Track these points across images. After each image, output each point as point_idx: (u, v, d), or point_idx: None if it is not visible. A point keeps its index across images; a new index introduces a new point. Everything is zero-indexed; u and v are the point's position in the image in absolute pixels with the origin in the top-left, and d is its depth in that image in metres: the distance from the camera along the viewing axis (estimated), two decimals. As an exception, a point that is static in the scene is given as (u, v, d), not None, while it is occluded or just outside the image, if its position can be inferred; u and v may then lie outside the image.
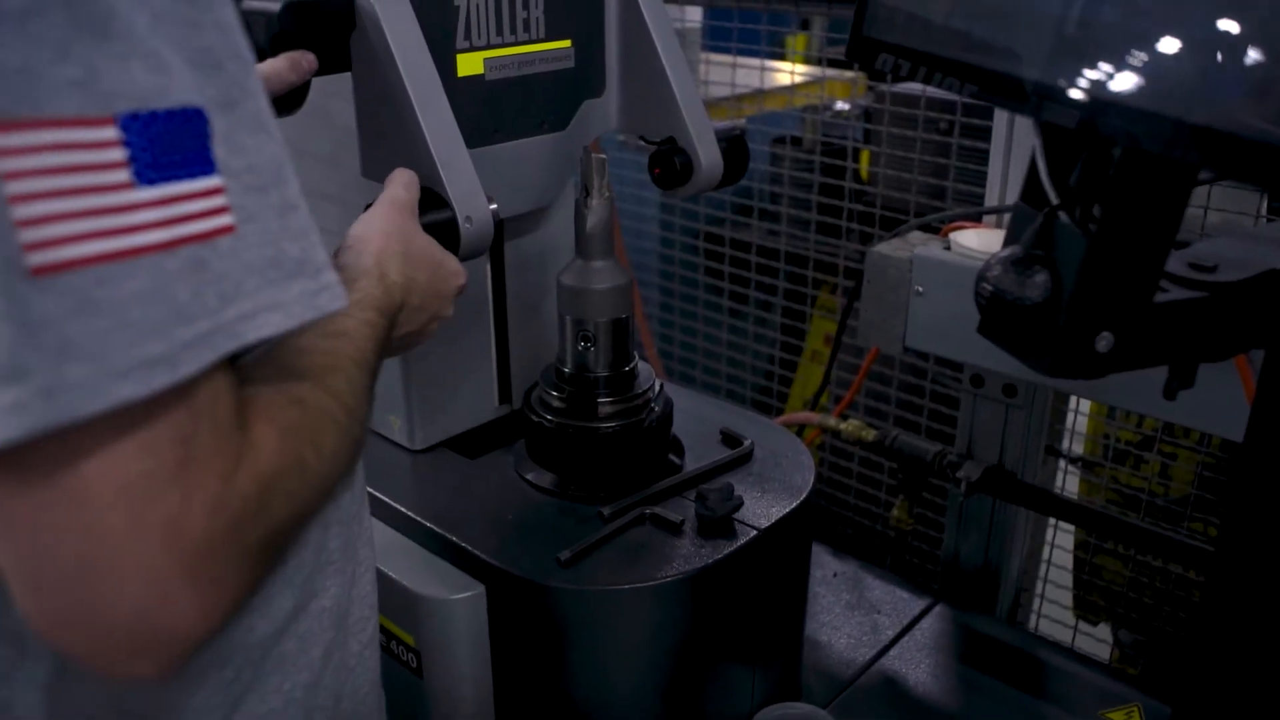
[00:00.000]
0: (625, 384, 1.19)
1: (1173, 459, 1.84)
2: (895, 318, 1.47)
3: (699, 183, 1.18)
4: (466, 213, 0.97)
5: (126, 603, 0.49)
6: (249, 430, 0.54)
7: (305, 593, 0.75)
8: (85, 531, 0.48)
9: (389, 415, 1.27)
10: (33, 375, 0.44)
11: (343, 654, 0.80)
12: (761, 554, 1.13)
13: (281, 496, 0.55)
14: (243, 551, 0.52)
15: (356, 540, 0.82)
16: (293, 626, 0.74)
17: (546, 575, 1.04)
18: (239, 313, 0.51)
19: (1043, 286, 0.78)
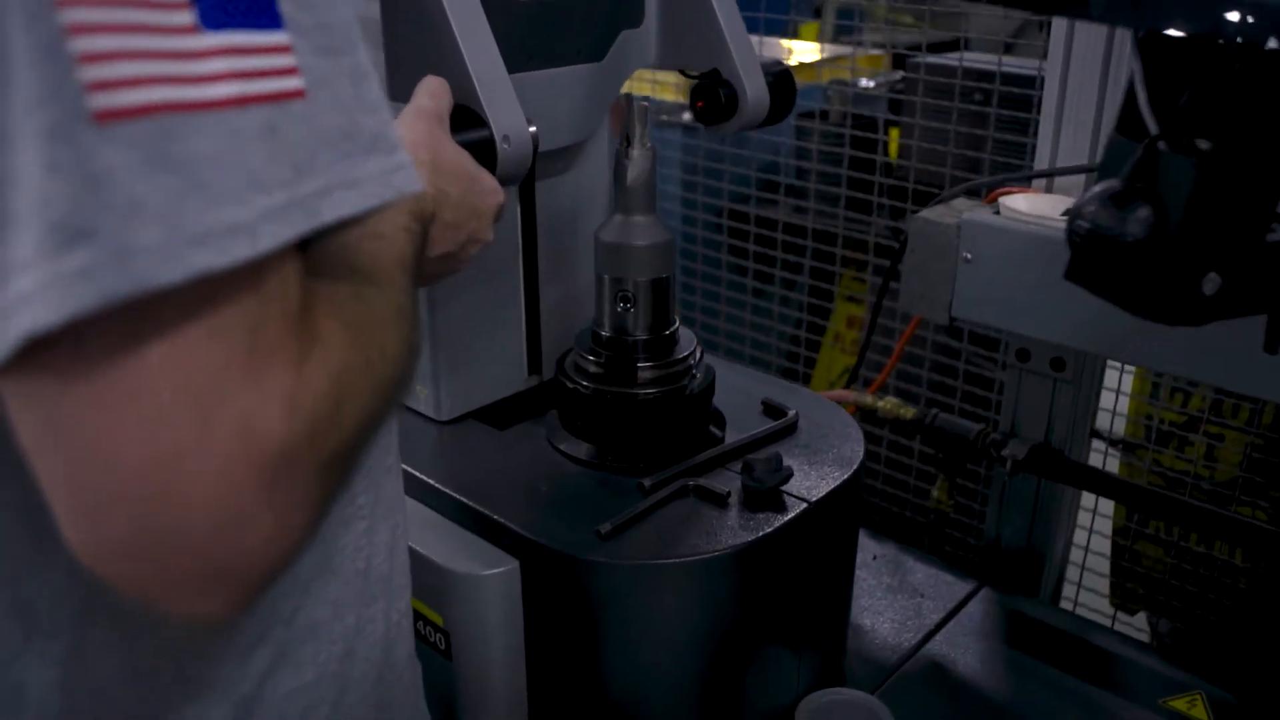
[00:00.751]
0: (666, 348, 1.12)
1: (1219, 440, 1.77)
2: (941, 286, 1.40)
3: (744, 117, 1.11)
4: (505, 131, 0.90)
5: (197, 521, 0.42)
6: (315, 324, 0.47)
7: (332, 545, 0.68)
8: (149, 435, 0.41)
9: (415, 385, 1.20)
10: (101, 236, 0.38)
11: (382, 624, 0.74)
12: (811, 529, 1.06)
13: (352, 399, 0.48)
14: (319, 463, 0.46)
15: (389, 498, 0.76)
16: (323, 590, 0.68)
17: (585, 549, 0.97)
18: (314, 188, 0.44)
19: (1146, 222, 0.71)
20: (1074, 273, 0.76)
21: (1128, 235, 0.71)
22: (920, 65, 1.99)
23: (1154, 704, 1.21)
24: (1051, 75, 1.37)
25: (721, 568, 0.99)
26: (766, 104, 1.11)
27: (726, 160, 2.25)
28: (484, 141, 0.88)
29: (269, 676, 0.65)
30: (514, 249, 1.19)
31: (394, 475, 0.77)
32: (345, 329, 0.49)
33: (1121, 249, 0.72)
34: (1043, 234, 1.30)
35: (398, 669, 0.77)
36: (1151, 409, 1.82)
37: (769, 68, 1.13)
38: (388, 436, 0.76)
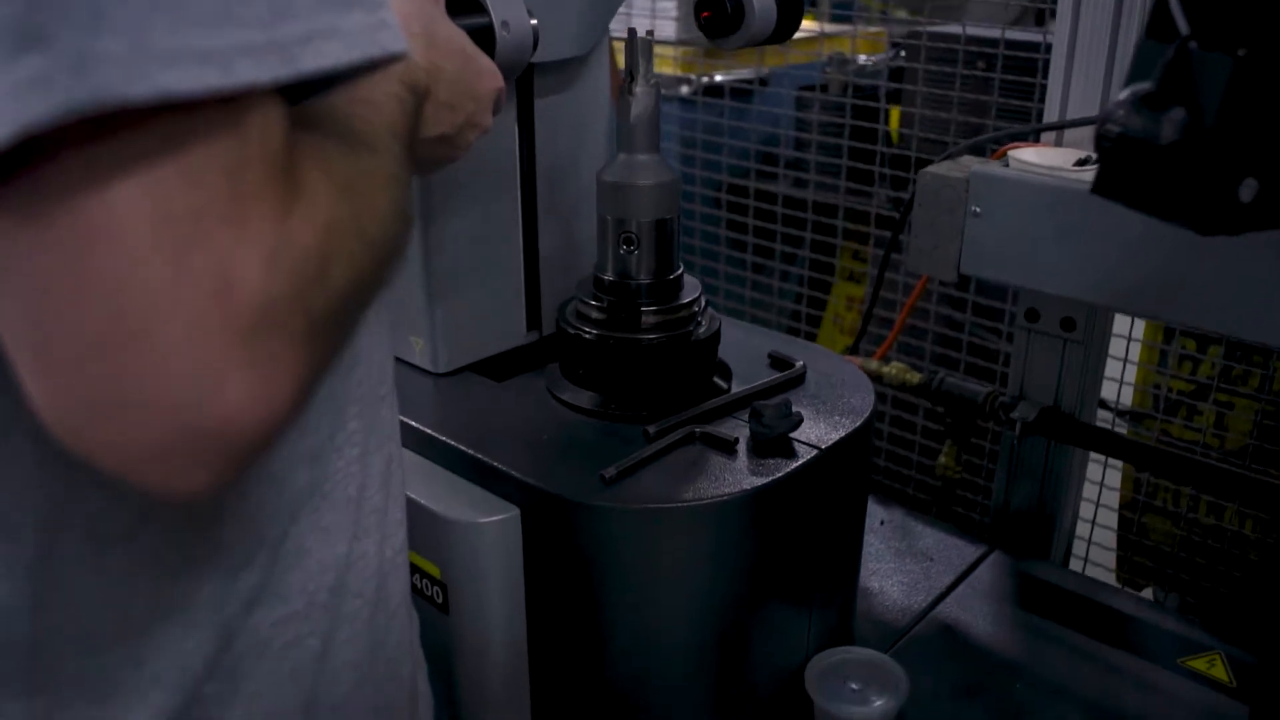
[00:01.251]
0: (670, 293, 1.08)
1: (1229, 408, 1.74)
2: (950, 243, 1.37)
3: (751, 29, 1.07)
4: (504, 17, 0.87)
5: (171, 376, 0.38)
6: (301, 176, 0.44)
7: (322, 470, 0.65)
8: (118, 283, 0.37)
9: (411, 336, 1.16)
10: (59, 42, 0.35)
11: (375, 560, 0.70)
12: (822, 477, 1.02)
13: (341, 258, 0.45)
14: (305, 323, 0.42)
15: (384, 428, 0.72)
16: (311, 516, 0.64)
17: (589, 494, 0.94)
18: (293, 33, 0.41)
19: (1179, 124, 0.67)
20: (1103, 184, 0.73)
21: (1160, 138, 0.68)
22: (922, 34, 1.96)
23: (1172, 664, 1.18)
24: (1062, 21, 1.34)
25: (732, 513, 0.95)
26: (774, 17, 1.08)
27: (725, 134, 2.22)
28: (483, 28, 0.84)
29: (255, 603, 0.61)
30: (512, 188, 1.15)
31: (389, 405, 0.74)
32: (333, 184, 0.46)
33: (1154, 153, 0.68)
34: (1055, 185, 1.27)
35: (391, 608, 0.73)
36: (1159, 378, 1.79)
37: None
38: (379, 363, 0.72)
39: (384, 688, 0.73)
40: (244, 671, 0.62)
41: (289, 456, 0.62)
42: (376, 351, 0.72)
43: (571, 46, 1.10)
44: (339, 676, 0.68)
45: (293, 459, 0.63)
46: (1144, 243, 1.21)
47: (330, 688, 0.67)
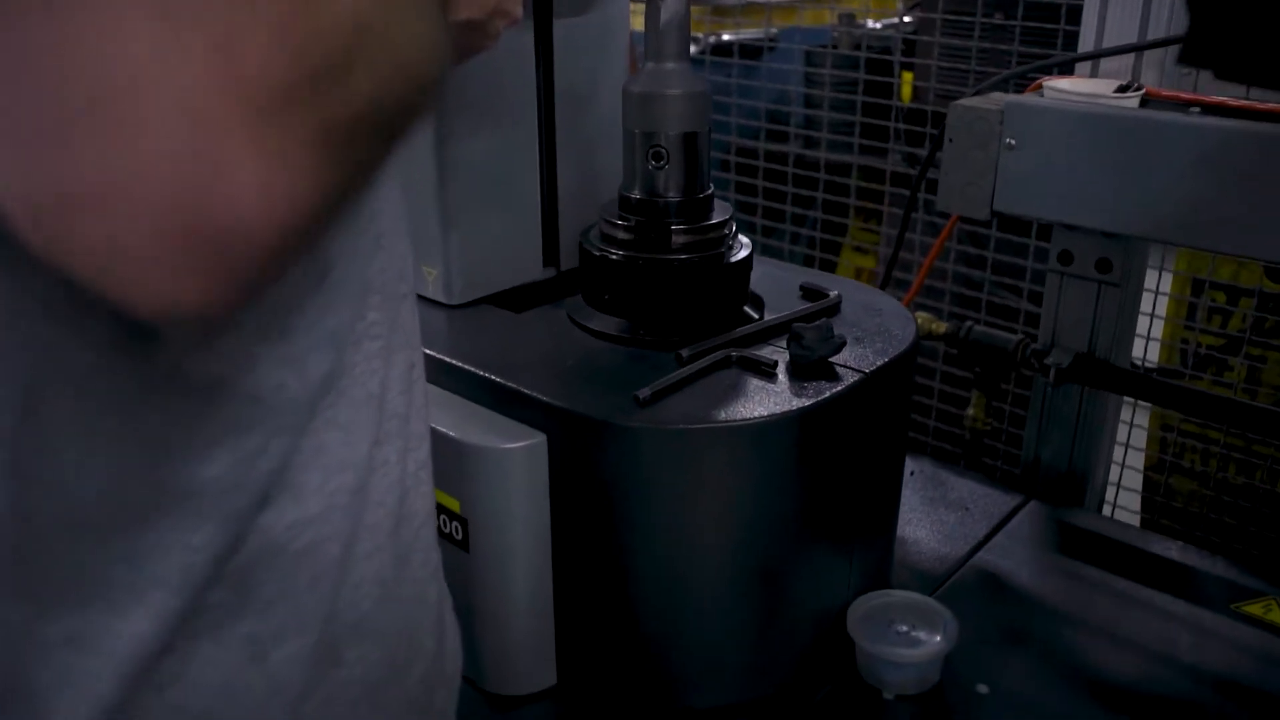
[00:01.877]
0: (702, 212, 1.02)
1: (1262, 363, 1.69)
2: (983, 179, 1.31)
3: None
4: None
5: (163, 156, 0.33)
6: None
7: (342, 359, 0.58)
8: (98, 50, 0.32)
9: (424, 266, 1.09)
10: None
11: (398, 468, 0.64)
12: (865, 403, 0.96)
13: (366, 65, 0.38)
14: (321, 126, 0.36)
15: (406, 328, 0.66)
16: (331, 412, 0.58)
17: (623, 416, 0.87)
18: None
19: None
20: (1194, 45, 0.67)
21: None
22: None
23: (1226, 608, 1.12)
24: (1101, -57, 1.28)
25: (774, 436, 0.89)
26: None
27: (734, 93, 2.16)
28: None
29: (268, 501, 0.55)
30: (529, 113, 1.09)
31: (409, 307, 0.67)
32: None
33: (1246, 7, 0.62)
34: (1095, 113, 1.21)
35: (416, 525, 0.67)
36: (1188, 333, 1.74)
37: None
38: (402, 256, 0.65)
39: (409, 610, 0.66)
40: (256, 578, 0.55)
41: (309, 336, 0.56)
42: (399, 243, 0.65)
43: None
44: (361, 592, 0.61)
45: (313, 339, 0.56)
46: (1192, 169, 1.15)
47: (351, 603, 0.61)
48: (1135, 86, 1.25)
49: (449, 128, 1.03)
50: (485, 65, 1.04)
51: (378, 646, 0.62)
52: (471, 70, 1.03)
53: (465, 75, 1.03)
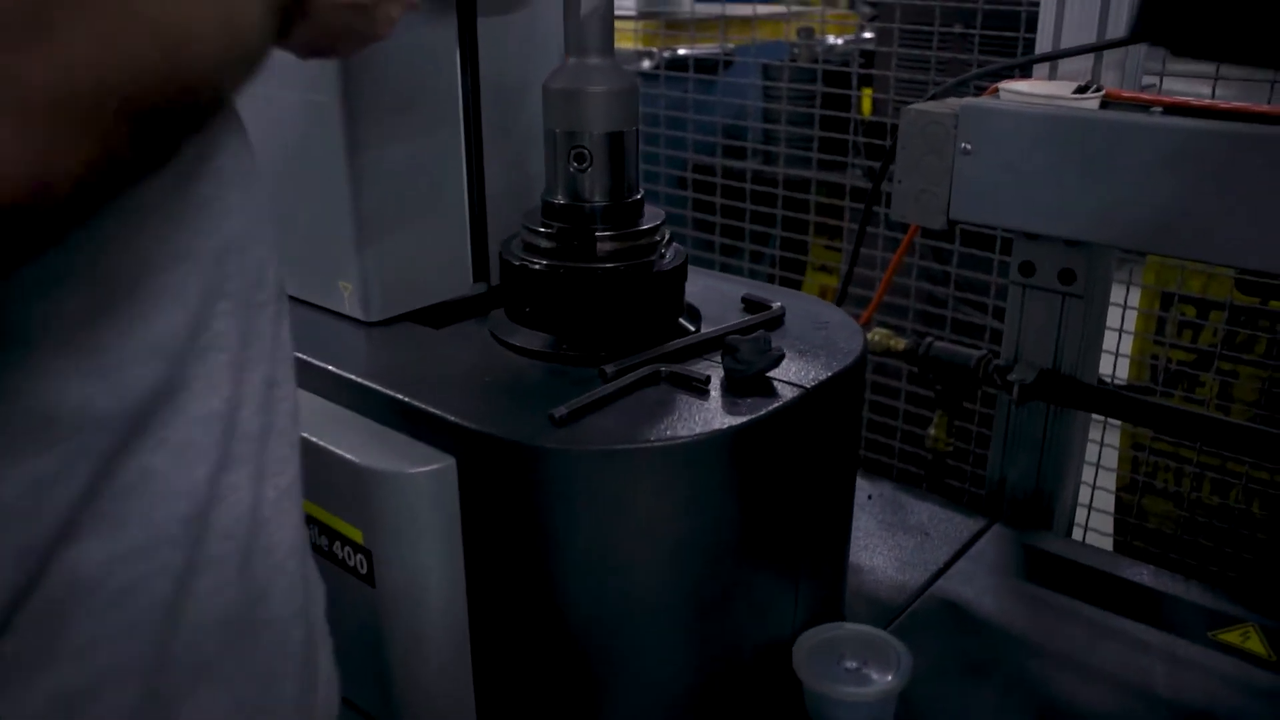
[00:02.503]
0: (630, 217, 0.95)
1: (1234, 378, 1.63)
2: (938, 186, 1.24)
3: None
4: None
5: None
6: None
7: (176, 372, 0.51)
8: None
9: (338, 281, 1.02)
10: None
11: (249, 496, 0.56)
12: (807, 421, 0.89)
13: (66, 17, 0.33)
14: (18, 93, 0.32)
15: (266, 342, 0.58)
16: (160, 431, 0.50)
17: (537, 436, 0.80)
18: None
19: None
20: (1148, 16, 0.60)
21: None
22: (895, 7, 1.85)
23: (1203, 637, 1.05)
24: (1055, -63, 1.22)
25: (705, 456, 0.81)
26: None
27: (690, 109, 2.10)
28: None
29: (76, 530, 0.47)
30: (453, 115, 1.02)
31: (273, 318, 0.60)
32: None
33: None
34: (1054, 114, 1.15)
35: (275, 558, 0.59)
36: (1158, 348, 1.68)
37: None
38: (261, 261, 0.58)
39: (265, 654, 0.58)
40: (63, 622, 0.47)
41: (125, 347, 0.48)
42: (258, 246, 0.58)
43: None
44: (202, 634, 0.53)
45: (130, 351, 0.49)
46: (1155, 171, 1.09)
47: (190, 646, 0.53)
48: (1095, 88, 1.19)
49: (362, 133, 0.96)
50: (402, 64, 0.97)
51: (223, 696, 0.54)
52: (387, 70, 0.97)
53: (380, 75, 0.96)
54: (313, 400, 0.90)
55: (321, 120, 0.96)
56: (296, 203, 1.03)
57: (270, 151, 1.03)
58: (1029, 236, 1.32)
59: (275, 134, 1.02)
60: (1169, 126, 1.07)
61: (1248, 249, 1.02)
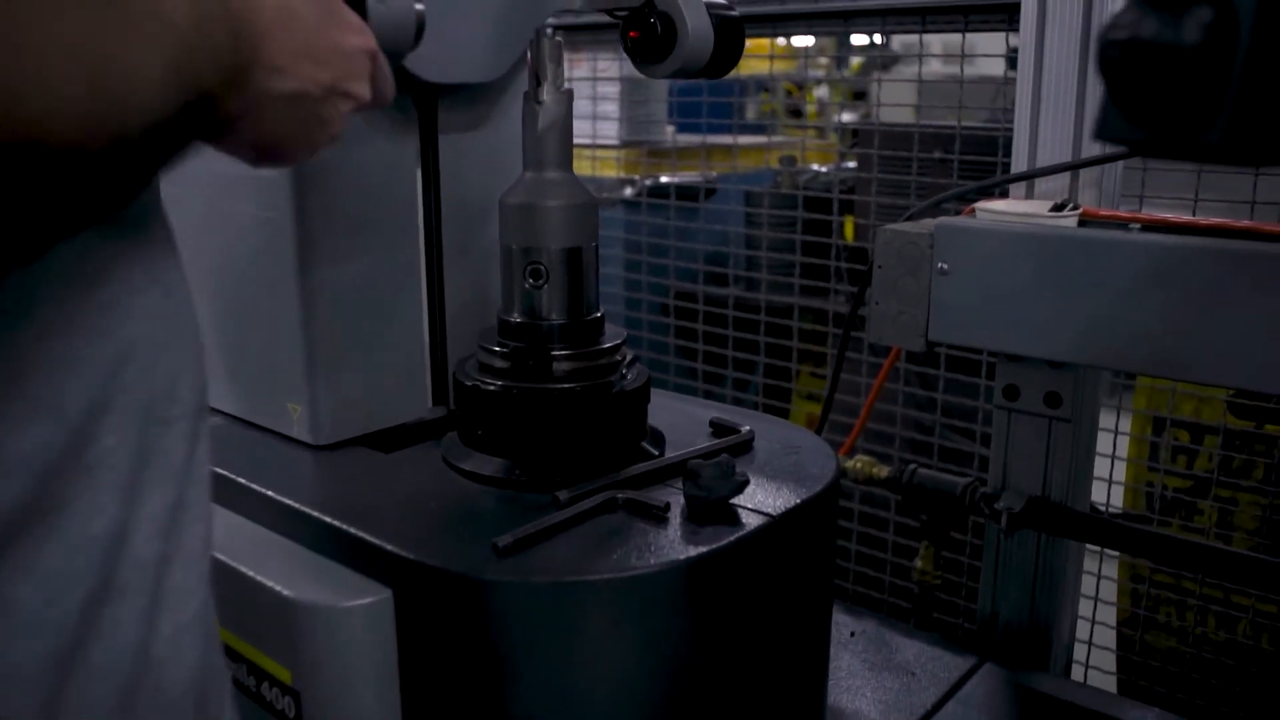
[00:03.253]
0: (588, 336, 0.91)
1: (1233, 505, 1.57)
2: (915, 307, 1.21)
3: (685, 53, 0.93)
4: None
5: None
6: None
7: (47, 489, 0.46)
8: None
9: (287, 403, 0.97)
10: None
11: (135, 631, 0.51)
12: (774, 552, 0.83)
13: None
14: None
15: (167, 463, 0.53)
16: (28, 552, 0.45)
17: (479, 567, 0.74)
18: None
19: (1205, 23, 0.52)
20: (1109, 120, 0.57)
21: (1183, 41, 0.53)
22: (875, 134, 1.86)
23: (1211, 788, 0.97)
24: (1024, 60, 1.22)
25: (660, 590, 0.75)
26: (710, 40, 0.94)
27: (671, 236, 2.09)
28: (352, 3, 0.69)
29: None
30: (413, 234, 0.99)
31: (187, 436, 0.55)
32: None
33: (1172, 62, 0.53)
34: (1031, 232, 1.12)
35: (168, 698, 0.53)
36: (1152, 475, 1.62)
37: (714, 7, 0.96)
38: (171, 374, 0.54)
39: None
40: None
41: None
42: (167, 357, 0.53)
43: (480, 70, 0.96)
44: None
45: None
46: (1136, 289, 1.06)
47: None
48: (1071, 206, 1.17)
49: (316, 250, 0.93)
50: (360, 180, 0.95)
51: None
52: (344, 185, 0.94)
53: (336, 191, 0.94)
54: (247, 526, 0.85)
55: (273, 236, 0.93)
56: (245, 320, 0.99)
57: (220, 266, 1.01)
58: (1011, 359, 1.28)
59: (225, 248, 0.99)
60: (1149, 243, 1.04)
61: (1233, 368, 0.98)
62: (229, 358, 1.02)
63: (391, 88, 0.68)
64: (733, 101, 2.25)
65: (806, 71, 2.18)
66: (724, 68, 0.97)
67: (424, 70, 0.88)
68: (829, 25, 1.80)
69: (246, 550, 0.81)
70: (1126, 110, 0.57)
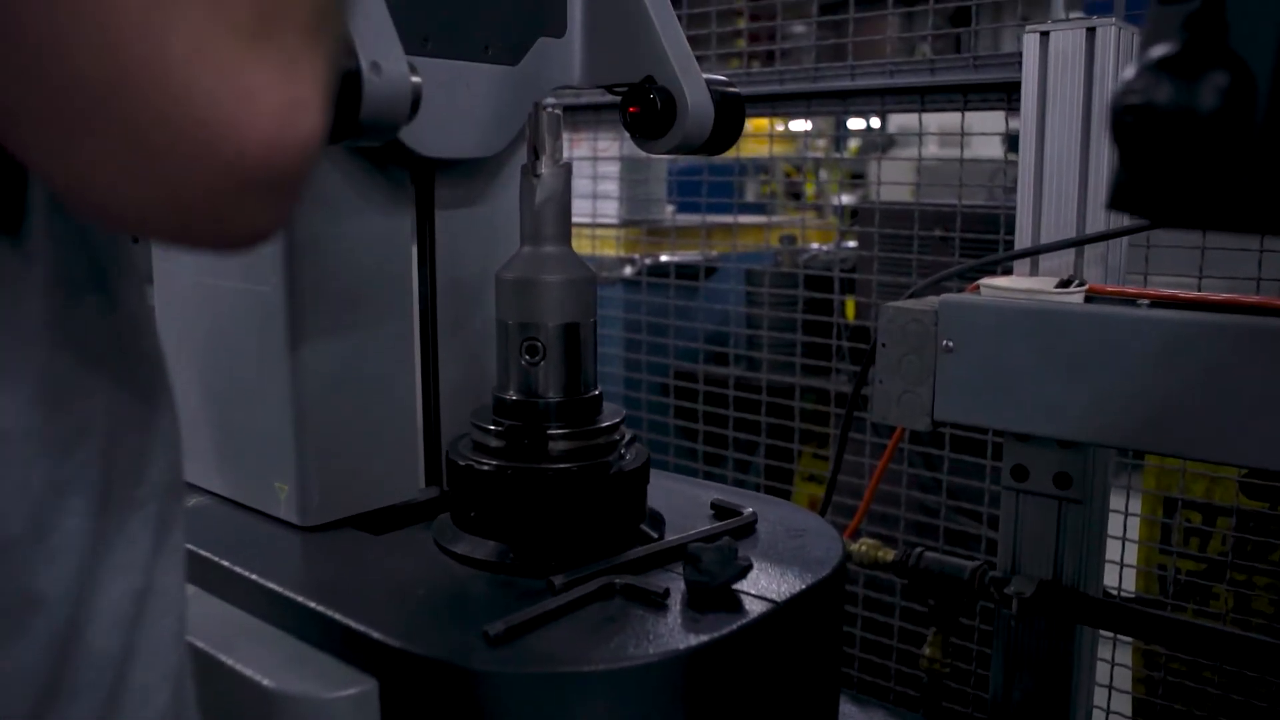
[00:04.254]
0: (585, 414, 0.88)
1: (1249, 589, 1.52)
2: (920, 385, 1.19)
3: (685, 128, 0.92)
4: (374, 58, 0.70)
5: (192, 103, 0.35)
6: None
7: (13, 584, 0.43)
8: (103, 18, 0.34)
9: (274, 483, 0.94)
10: None
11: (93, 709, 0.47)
12: (778, 639, 0.80)
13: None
14: (304, 13, 0.38)
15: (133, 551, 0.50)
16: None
17: (469, 656, 0.70)
18: None
19: (1222, 87, 0.51)
20: (1124, 189, 0.55)
21: (1199, 107, 0.51)
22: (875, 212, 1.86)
23: None
24: (1026, 137, 1.21)
25: (659, 680, 0.71)
26: (710, 115, 0.93)
27: (671, 315, 2.08)
28: (347, 73, 0.68)
29: None
30: (406, 310, 0.98)
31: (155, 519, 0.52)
32: None
33: (1189, 128, 0.51)
34: (1037, 309, 1.11)
35: None
36: (1165, 558, 1.58)
37: (714, 83, 0.95)
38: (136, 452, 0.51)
39: None
40: None
41: None
42: (130, 434, 0.51)
43: (478, 145, 0.95)
44: None
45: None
46: (1144, 366, 1.03)
47: None
48: (1078, 282, 1.16)
49: (307, 325, 0.91)
50: (354, 255, 0.93)
51: None
52: (336, 261, 0.92)
53: (328, 266, 0.92)
54: (227, 611, 0.82)
55: (263, 311, 0.91)
56: (232, 396, 0.96)
57: (207, 340, 0.99)
58: (1019, 438, 1.25)
59: (213, 322, 0.97)
60: (1158, 319, 1.02)
61: (1246, 446, 0.96)
62: (214, 434, 0.99)
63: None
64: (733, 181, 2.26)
65: (806, 153, 2.18)
66: (724, 144, 0.97)
67: (420, 144, 0.86)
68: (828, 105, 1.81)
69: (225, 637, 0.77)
70: (1141, 179, 0.55)
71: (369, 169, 0.93)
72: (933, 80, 1.67)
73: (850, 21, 1.80)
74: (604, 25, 0.97)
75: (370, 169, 0.93)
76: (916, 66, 1.75)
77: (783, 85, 1.84)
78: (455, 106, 0.88)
